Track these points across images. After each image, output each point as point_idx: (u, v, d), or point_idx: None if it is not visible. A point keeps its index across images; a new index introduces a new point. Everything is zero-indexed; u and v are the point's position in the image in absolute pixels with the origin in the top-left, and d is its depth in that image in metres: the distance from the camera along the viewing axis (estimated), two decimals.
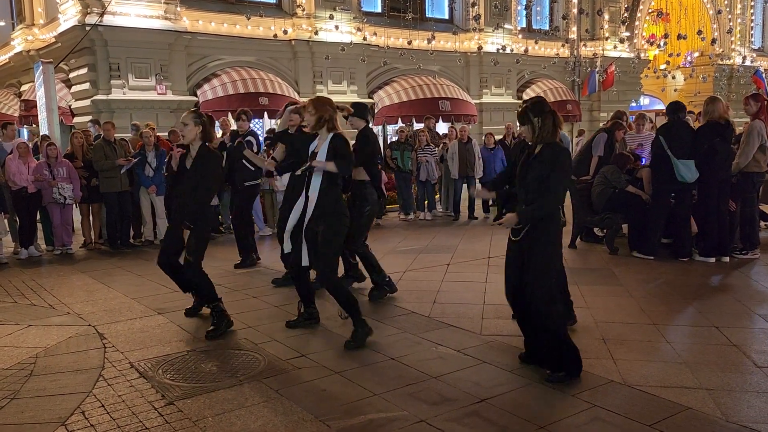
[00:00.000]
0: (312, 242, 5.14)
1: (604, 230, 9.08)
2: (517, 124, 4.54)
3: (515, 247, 4.36)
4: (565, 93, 20.45)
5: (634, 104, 24.62)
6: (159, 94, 14.17)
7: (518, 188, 4.39)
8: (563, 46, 20.74)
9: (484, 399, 4.01)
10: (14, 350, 5.17)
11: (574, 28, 21.23)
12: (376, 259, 6.59)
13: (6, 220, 9.19)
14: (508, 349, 4.92)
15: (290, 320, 5.68)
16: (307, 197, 5.17)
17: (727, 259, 7.90)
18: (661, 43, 21.03)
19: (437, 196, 13.47)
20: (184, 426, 3.75)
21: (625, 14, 21.32)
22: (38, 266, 8.87)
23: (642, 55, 22.88)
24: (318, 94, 16.36)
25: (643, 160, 9.46)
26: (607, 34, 21.68)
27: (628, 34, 22.34)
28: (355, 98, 16.94)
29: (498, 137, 13.62)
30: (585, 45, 21.65)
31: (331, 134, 5.09)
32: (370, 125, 6.96)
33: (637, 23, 23.13)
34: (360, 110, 6.52)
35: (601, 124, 19.86)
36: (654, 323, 5.48)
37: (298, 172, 5.56)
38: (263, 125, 16.21)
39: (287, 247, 5.42)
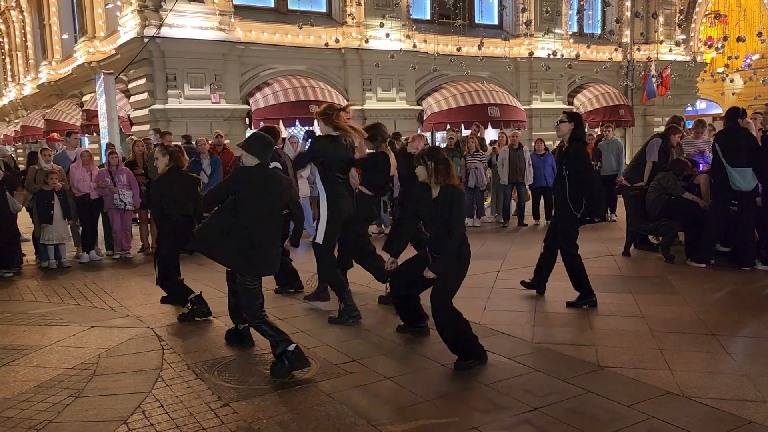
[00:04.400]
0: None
1: (659, 238, 8.87)
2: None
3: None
4: (618, 98, 20.04)
5: (690, 108, 23.95)
6: (213, 103, 14.52)
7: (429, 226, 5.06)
8: (616, 50, 20.36)
9: (537, 407, 3.97)
10: (78, 350, 5.39)
11: (627, 32, 20.80)
12: None
13: (69, 226, 9.56)
14: (561, 358, 4.86)
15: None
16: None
17: None
18: (719, 46, 20.41)
19: (486, 203, 13.40)
20: (240, 427, 3.83)
21: (681, 17, 20.76)
22: (99, 270, 9.19)
23: (699, 58, 22.24)
24: (367, 101, 16.54)
25: (701, 166, 9.21)
26: (661, 38, 21.16)
27: (683, 37, 21.75)
28: (404, 105, 17.05)
29: (548, 143, 13.46)
30: (639, 48, 21.18)
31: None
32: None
33: (693, 26, 22.52)
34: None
35: (655, 130, 19.45)
36: (713, 333, 5.32)
37: None
38: None
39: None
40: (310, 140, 6.32)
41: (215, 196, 4.99)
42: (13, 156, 14.71)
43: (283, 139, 11.37)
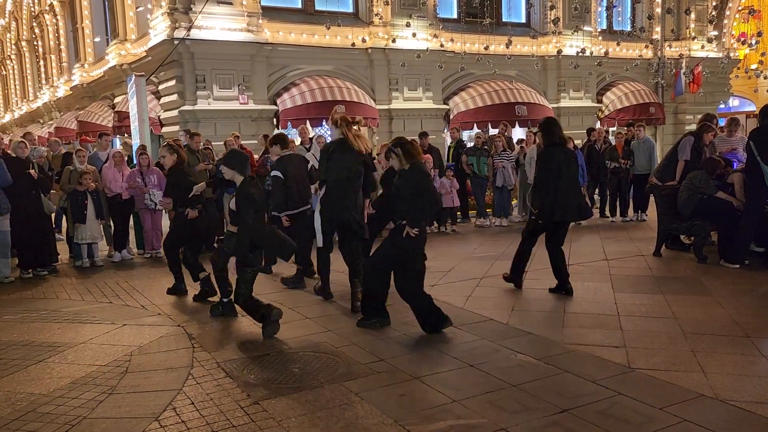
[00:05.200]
0: None
1: (691, 238, 8.72)
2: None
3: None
4: (648, 95, 19.73)
5: (722, 106, 23.48)
6: (241, 103, 14.64)
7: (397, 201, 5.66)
8: (647, 47, 20.04)
9: (567, 409, 3.93)
10: (111, 348, 5.49)
11: (658, 29, 20.47)
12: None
13: (101, 226, 9.74)
14: (592, 359, 4.81)
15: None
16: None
17: None
18: (753, 42, 19.98)
19: (514, 202, 13.32)
20: (269, 425, 3.86)
21: (714, 12, 20.37)
22: (130, 269, 9.35)
23: (732, 54, 21.78)
24: (393, 101, 16.54)
25: (735, 164, 9.03)
26: (693, 34, 20.78)
27: (716, 33, 21.33)
28: (430, 105, 17.01)
29: (577, 141, 13.32)
30: (670, 45, 20.84)
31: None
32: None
33: (726, 21, 22.07)
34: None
35: (686, 128, 19.10)
36: (748, 335, 5.22)
37: None
38: None
39: None
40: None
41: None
42: (47, 157, 14.97)
43: (311, 139, 11.49)
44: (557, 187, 6.53)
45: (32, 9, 29.06)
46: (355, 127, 6.63)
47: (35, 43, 29.80)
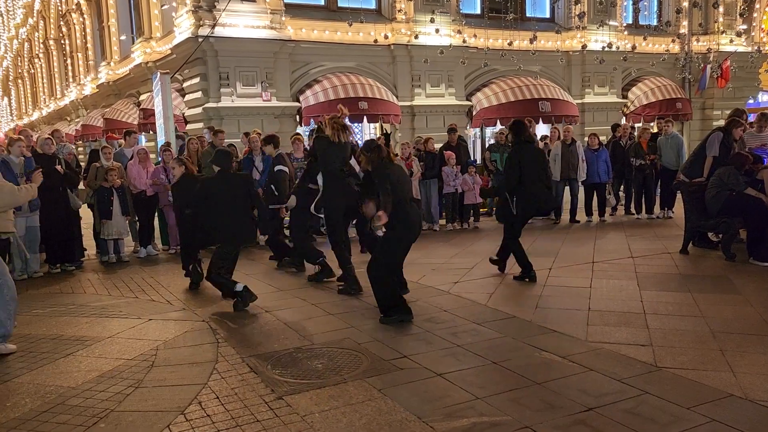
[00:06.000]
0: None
1: (720, 235, 8.57)
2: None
3: None
4: (675, 91, 19.44)
5: (751, 101, 23.04)
6: (264, 100, 14.73)
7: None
8: (673, 41, 19.75)
9: (592, 408, 3.89)
10: (137, 342, 5.56)
11: (685, 23, 20.15)
12: None
13: (127, 222, 9.86)
14: (617, 357, 4.75)
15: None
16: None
17: None
18: None
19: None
20: (293, 420, 3.88)
21: (743, 6, 19.97)
22: (156, 264, 9.45)
23: (761, 48, 21.35)
24: (416, 97, 16.51)
25: (765, 160, 8.86)
26: (722, 28, 20.42)
27: (745, 26, 20.92)
28: (453, 101, 16.94)
29: (602, 138, 13.17)
30: (697, 40, 20.49)
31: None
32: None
33: (755, 15, 21.64)
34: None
35: (714, 123, 18.79)
36: None
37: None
38: (362, 129, 16.50)
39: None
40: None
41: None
42: (75, 154, 15.22)
43: None
44: (532, 183, 7.17)
45: (60, 8, 29.52)
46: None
47: (62, 41, 30.27)
